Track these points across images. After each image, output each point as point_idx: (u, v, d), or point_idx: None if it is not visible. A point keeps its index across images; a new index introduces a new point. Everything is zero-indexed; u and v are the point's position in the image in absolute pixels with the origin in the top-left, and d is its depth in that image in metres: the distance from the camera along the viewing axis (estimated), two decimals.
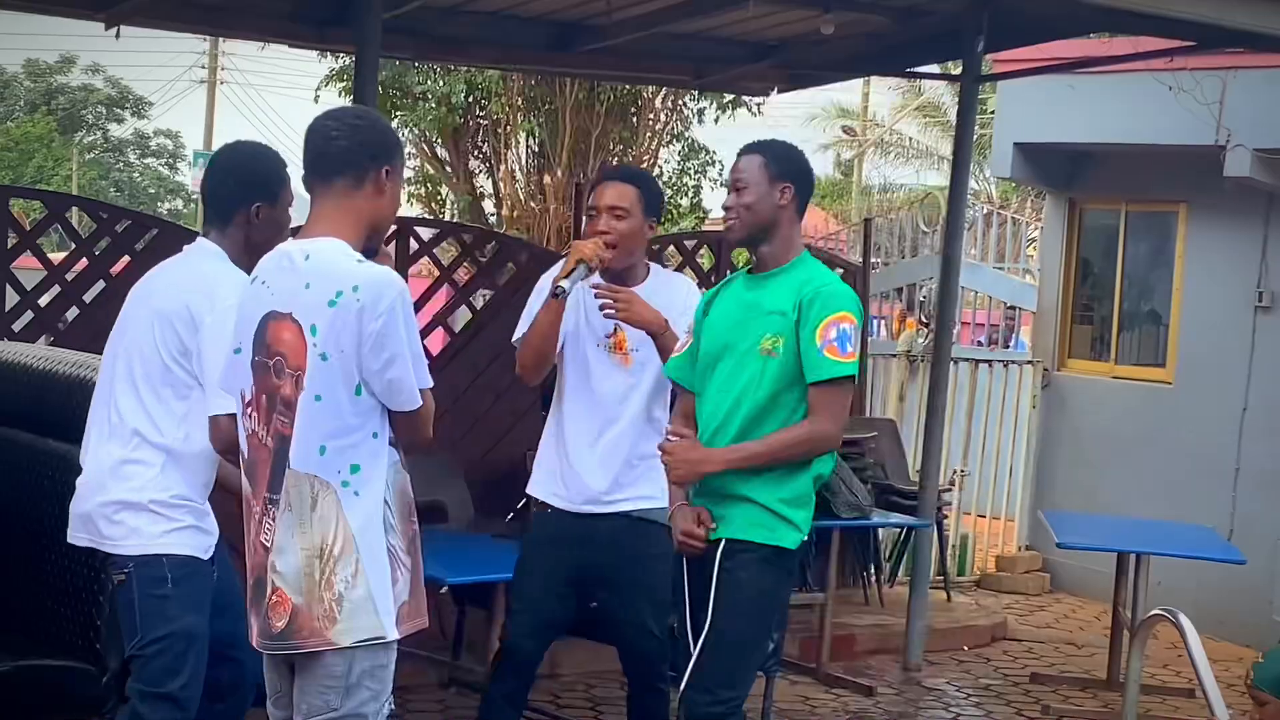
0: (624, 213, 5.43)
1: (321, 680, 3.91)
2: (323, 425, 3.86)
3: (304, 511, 3.87)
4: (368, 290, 3.84)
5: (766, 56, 9.51)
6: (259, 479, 3.96)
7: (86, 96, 53.12)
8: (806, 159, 5.14)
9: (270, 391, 3.93)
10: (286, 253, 4.01)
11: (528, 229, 18.69)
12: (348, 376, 3.86)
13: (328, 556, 3.85)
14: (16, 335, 7.86)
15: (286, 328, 3.90)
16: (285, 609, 3.88)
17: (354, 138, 3.99)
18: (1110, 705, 8.40)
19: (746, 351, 4.90)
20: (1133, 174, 11.69)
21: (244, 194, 4.70)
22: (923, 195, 25.42)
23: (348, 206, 3.98)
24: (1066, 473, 11.99)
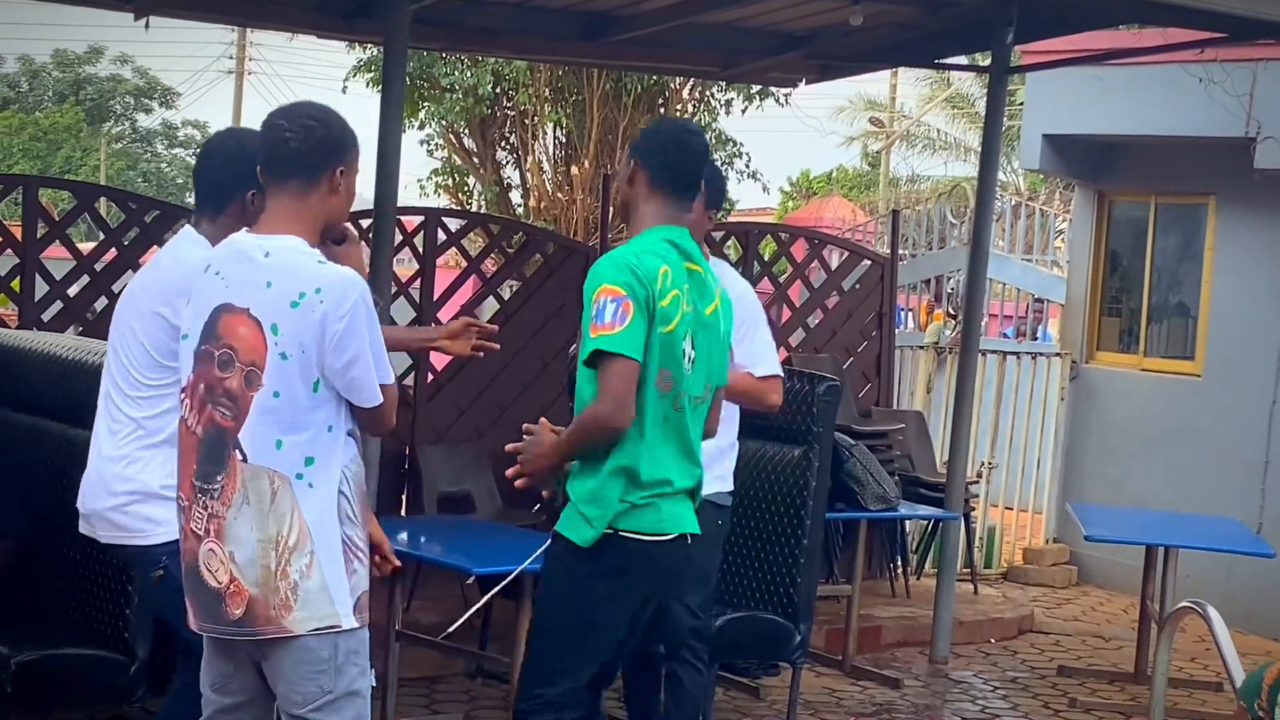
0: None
1: (307, 666, 3.98)
2: (280, 420, 3.94)
3: (262, 505, 3.93)
4: (330, 292, 3.93)
5: (795, 47, 9.49)
6: (185, 465, 4.04)
7: (114, 87, 53.34)
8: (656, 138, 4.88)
9: (211, 382, 3.99)
10: (242, 247, 4.06)
11: (555, 220, 18.70)
12: (306, 374, 3.94)
13: (283, 548, 3.93)
14: (46, 325, 7.89)
15: (242, 323, 3.96)
16: (242, 599, 3.95)
17: (309, 140, 4.07)
18: (1137, 698, 8.38)
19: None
20: (1162, 166, 11.65)
21: (239, 182, 4.52)
22: (950, 187, 25.38)
23: (303, 205, 4.06)
24: (1094, 465, 11.95)
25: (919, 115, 35.29)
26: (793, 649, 6.60)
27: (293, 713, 4.05)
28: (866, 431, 9.31)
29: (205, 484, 3.98)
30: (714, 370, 4.77)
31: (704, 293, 4.72)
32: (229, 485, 3.95)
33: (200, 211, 4.71)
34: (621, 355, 4.44)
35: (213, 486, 3.97)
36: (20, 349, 6.02)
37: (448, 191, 20.37)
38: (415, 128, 19.25)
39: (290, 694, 4.02)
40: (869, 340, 10.47)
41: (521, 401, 9.13)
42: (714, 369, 4.77)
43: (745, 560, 7.12)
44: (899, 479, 9.42)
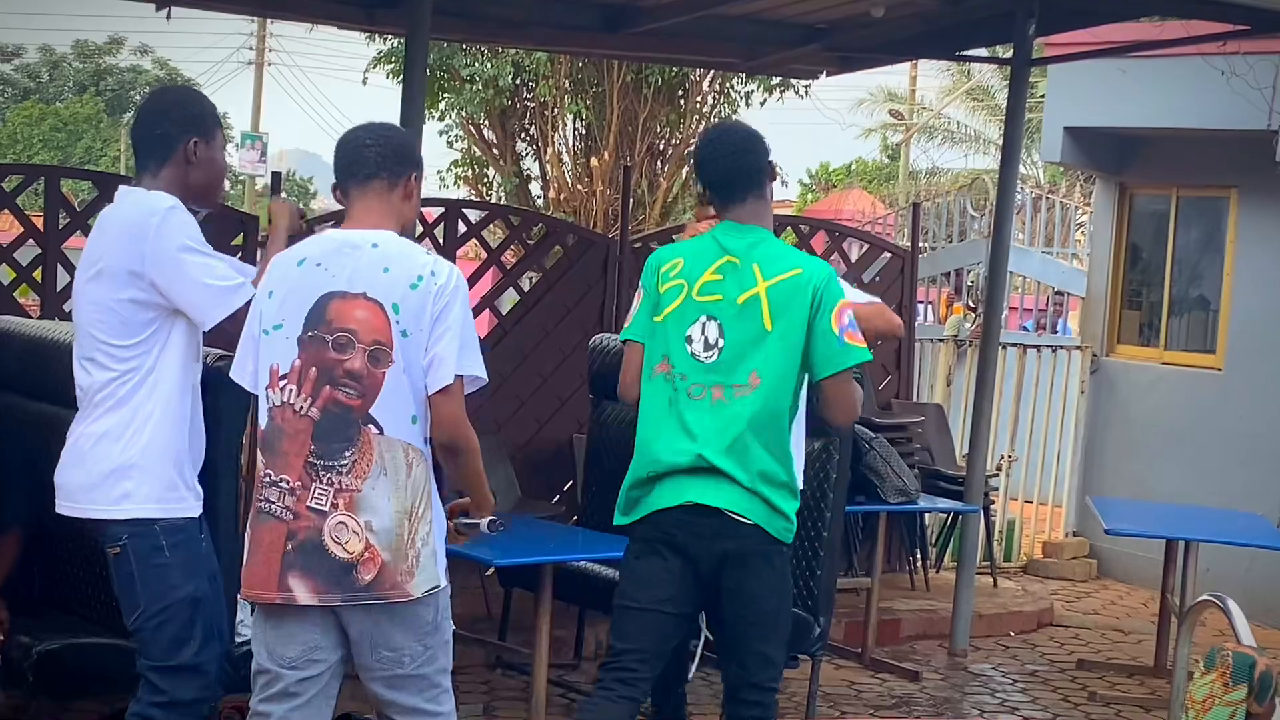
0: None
1: (415, 629, 4.29)
2: (410, 396, 4.22)
3: (399, 476, 4.22)
4: (441, 274, 4.26)
5: (815, 39, 9.47)
6: (295, 448, 4.22)
7: (135, 78, 53.47)
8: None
9: (327, 365, 4.22)
10: (345, 240, 4.33)
11: (574, 211, 18.70)
12: (421, 352, 4.22)
13: (415, 518, 4.23)
14: (68, 315, 7.89)
15: (358, 306, 4.22)
16: (375, 565, 4.21)
17: (387, 146, 4.39)
18: (1157, 692, 8.36)
19: None
20: (1184, 159, 11.61)
21: (179, 131, 4.59)
22: (970, 180, 25.33)
23: (387, 205, 4.37)
24: (1115, 459, 11.93)
25: (939, 108, 35.22)
26: (812, 641, 6.59)
27: (396, 672, 4.31)
28: (886, 424, 9.31)
29: (330, 462, 4.20)
30: (763, 359, 4.76)
31: (737, 282, 4.78)
32: (362, 459, 4.20)
33: (143, 169, 4.69)
34: (626, 340, 4.88)
35: (339, 463, 4.20)
36: (42, 339, 6.03)
37: (467, 183, 20.37)
38: (435, 119, 19.24)
39: (393, 656, 4.29)
40: None
41: (541, 393, 9.15)
42: (761, 358, 4.76)
43: None
44: (919, 472, 9.41)
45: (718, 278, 4.76)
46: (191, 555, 4.58)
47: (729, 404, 4.74)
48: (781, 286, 4.78)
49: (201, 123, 4.64)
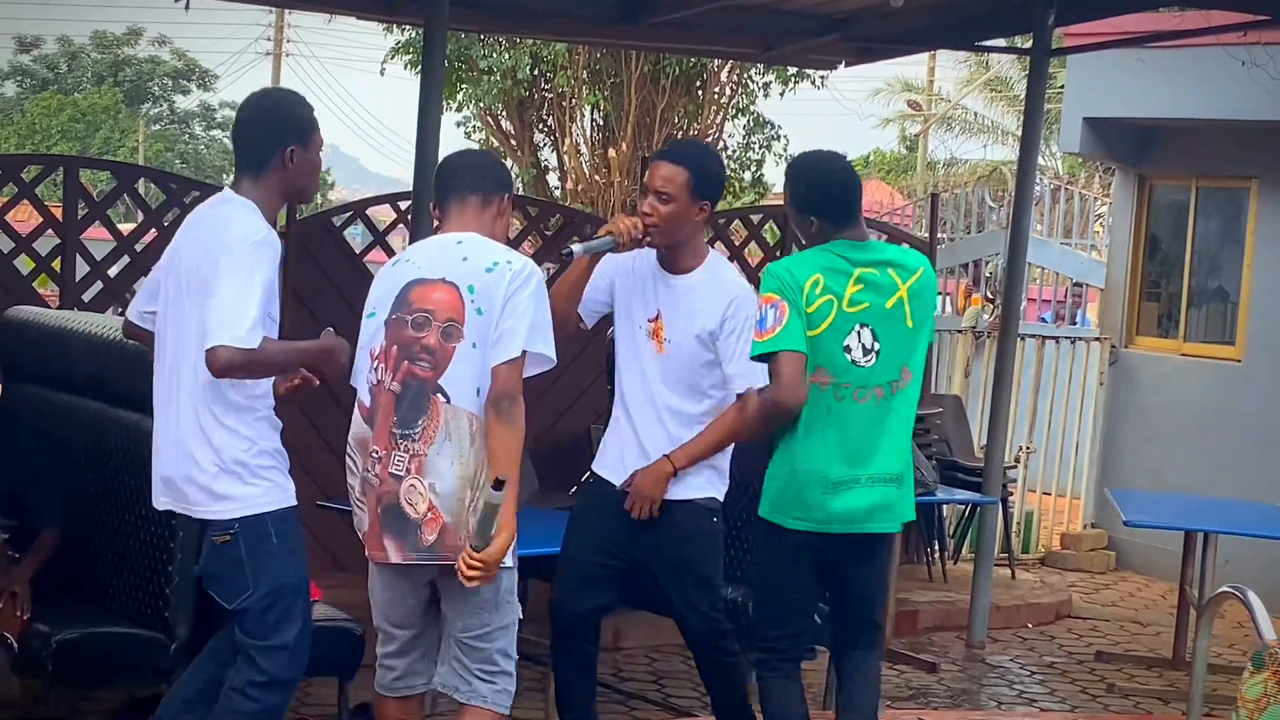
0: (668, 196, 5.27)
1: (475, 600, 4.57)
2: (477, 370, 4.53)
3: (463, 444, 4.52)
4: (517, 263, 4.63)
5: (833, 30, 9.45)
6: (383, 420, 4.58)
7: (153, 69, 53.52)
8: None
9: (406, 342, 4.58)
10: (435, 240, 4.79)
11: (592, 202, 18.70)
12: (491, 328, 4.53)
13: (478, 486, 4.50)
14: (87, 305, 7.93)
15: (437, 289, 4.60)
16: (437, 525, 4.51)
17: (484, 170, 4.87)
18: (1176, 684, 8.34)
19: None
20: (1204, 149, 11.58)
21: (277, 140, 4.67)
22: (989, 170, 25.28)
23: (481, 220, 4.76)
24: (1133, 450, 11.90)
25: (958, 98, 35.14)
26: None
27: (456, 636, 4.65)
28: None
29: (406, 430, 4.53)
30: (910, 354, 5.19)
31: (881, 289, 5.13)
32: (430, 426, 4.52)
33: (243, 173, 4.72)
34: (786, 350, 4.97)
35: (413, 430, 4.53)
36: (61, 329, 6.04)
37: None
38: (453, 110, 19.26)
39: (457, 620, 4.63)
40: None
41: (559, 384, 9.13)
42: (908, 354, 5.19)
43: None
44: (937, 463, 9.39)
45: (860, 288, 5.09)
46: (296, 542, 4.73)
47: (890, 400, 5.15)
48: (916, 287, 5.20)
49: (299, 130, 4.70)
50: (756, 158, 20.31)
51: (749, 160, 20.32)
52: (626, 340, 5.44)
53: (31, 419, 5.96)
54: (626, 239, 5.21)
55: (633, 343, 5.42)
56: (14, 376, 6.33)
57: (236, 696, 4.61)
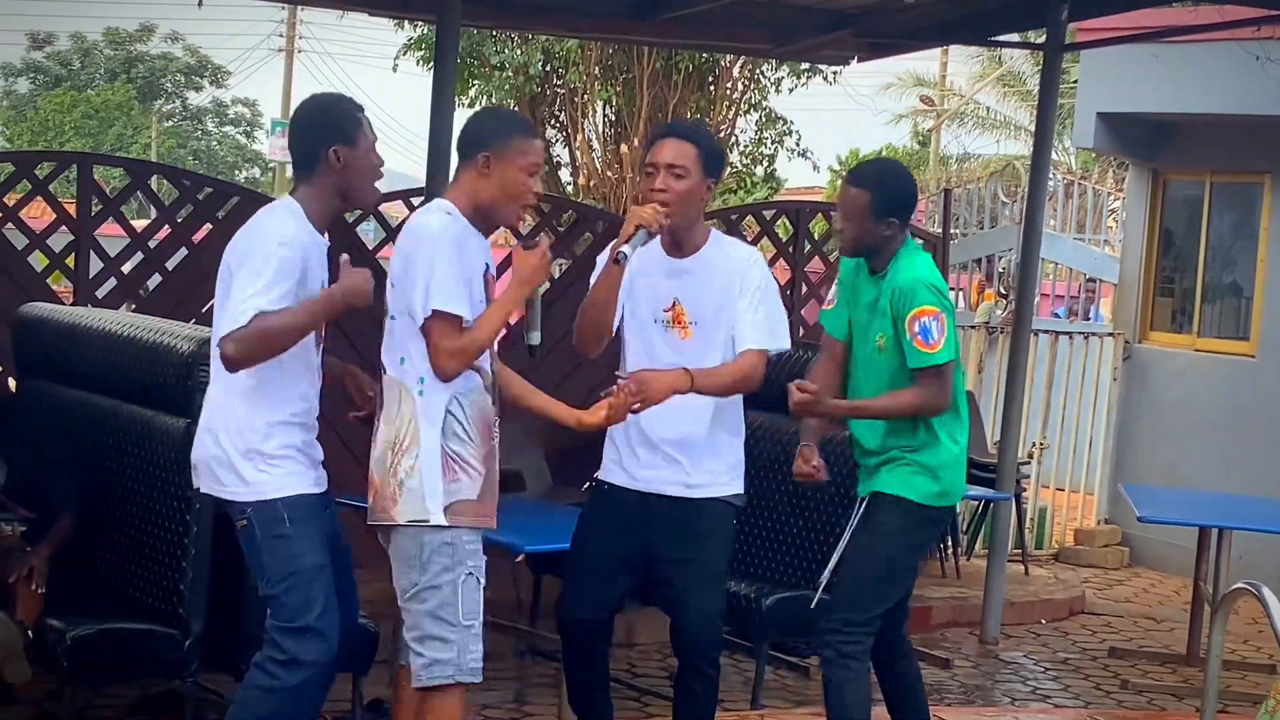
0: (683, 171, 5.16)
1: (401, 561, 4.68)
2: (398, 340, 4.65)
3: (391, 410, 4.67)
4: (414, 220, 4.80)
5: (846, 25, 9.44)
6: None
7: (165, 65, 53.56)
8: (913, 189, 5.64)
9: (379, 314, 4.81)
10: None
11: (604, 198, 18.69)
12: (404, 300, 4.63)
13: (399, 449, 4.63)
14: (100, 302, 7.94)
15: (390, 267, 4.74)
16: (373, 489, 4.70)
17: (465, 133, 4.87)
18: (1190, 680, 8.33)
19: (868, 347, 5.48)
20: (1217, 144, 11.55)
21: (319, 141, 4.74)
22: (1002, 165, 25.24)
23: (461, 183, 4.79)
24: (1147, 446, 11.88)
25: (971, 94, 35.10)
26: None
27: (399, 599, 4.74)
28: None
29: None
30: None
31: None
32: (380, 397, 4.74)
33: (298, 179, 4.86)
34: (952, 359, 5.36)
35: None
36: (75, 325, 6.06)
37: None
38: (465, 106, 19.24)
39: (395, 584, 4.74)
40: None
41: (572, 380, 9.12)
42: None
43: (795, 539, 7.12)
44: None
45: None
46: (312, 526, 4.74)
47: None
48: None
49: (340, 129, 4.75)
50: (769, 153, 20.28)
51: (761, 156, 20.29)
52: (636, 337, 5.32)
53: (46, 414, 5.98)
54: (655, 226, 5.09)
55: (643, 338, 5.30)
56: (28, 372, 6.36)
57: (256, 671, 4.69)
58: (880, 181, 5.46)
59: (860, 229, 5.39)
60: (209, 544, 5.41)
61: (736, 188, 19.72)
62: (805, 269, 10.45)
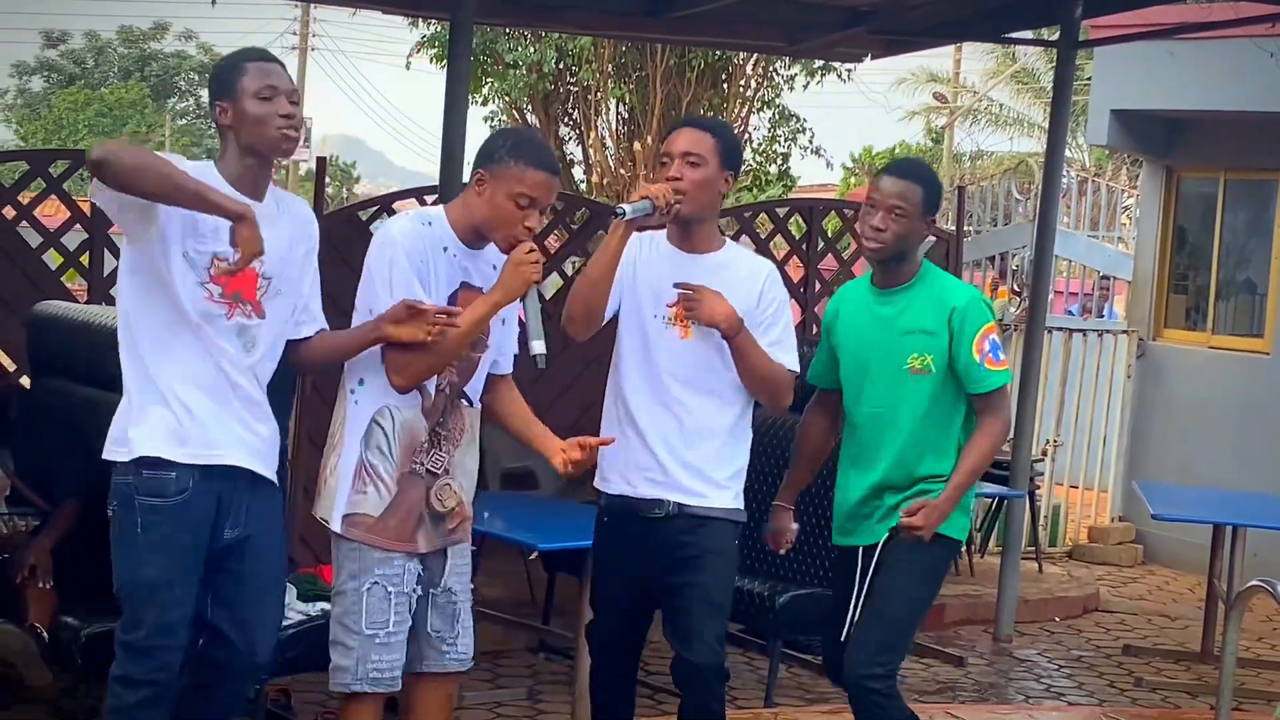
0: (698, 160, 4.88)
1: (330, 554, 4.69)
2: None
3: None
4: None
5: (859, 22, 9.42)
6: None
7: (179, 63, 53.67)
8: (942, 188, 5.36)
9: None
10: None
11: (617, 196, 18.68)
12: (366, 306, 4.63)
13: (330, 448, 4.63)
14: (115, 300, 7.94)
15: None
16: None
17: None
18: (1204, 678, 8.32)
19: (895, 371, 5.15)
20: (1232, 142, 11.53)
21: (211, 101, 4.47)
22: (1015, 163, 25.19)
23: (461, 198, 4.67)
24: (1161, 444, 11.86)
25: (984, 91, 35.04)
26: None
27: None
28: None
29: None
30: None
31: None
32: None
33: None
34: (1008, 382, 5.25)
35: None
36: (89, 324, 6.06)
37: None
38: (478, 104, 19.26)
39: None
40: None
41: (585, 377, 9.12)
42: None
43: (809, 537, 7.12)
44: None
45: None
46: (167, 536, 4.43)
47: None
48: None
49: (221, 82, 4.42)
50: (783, 151, 20.28)
51: (775, 153, 20.29)
52: (633, 332, 5.00)
53: (59, 412, 5.98)
54: (662, 203, 4.79)
55: (641, 336, 4.97)
56: (42, 370, 6.36)
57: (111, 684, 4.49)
58: (932, 178, 5.24)
59: (909, 227, 5.10)
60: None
61: (750, 186, 19.72)
62: (818, 266, 10.44)
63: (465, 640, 4.80)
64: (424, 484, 4.61)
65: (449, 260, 4.60)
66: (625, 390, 5.01)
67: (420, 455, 4.60)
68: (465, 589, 4.81)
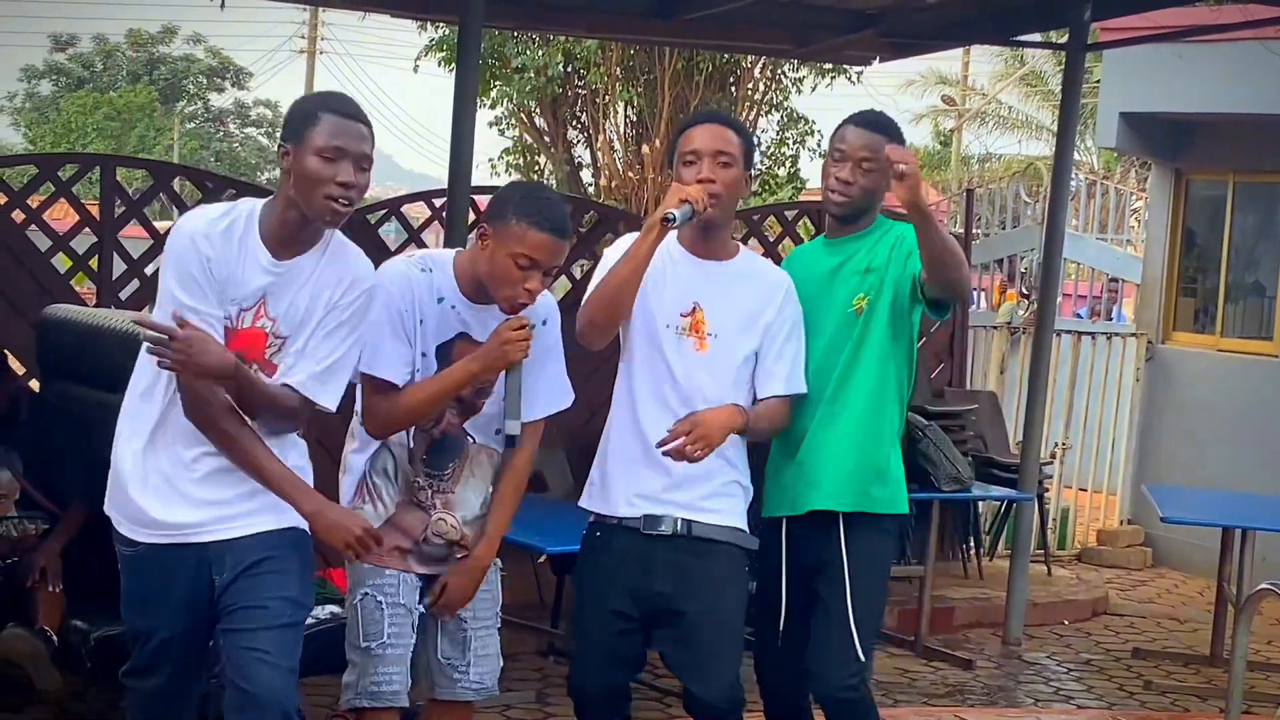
0: (729, 159, 4.62)
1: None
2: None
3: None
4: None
5: (867, 25, 9.42)
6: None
7: (187, 67, 53.75)
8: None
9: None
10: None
11: (626, 199, 18.70)
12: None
13: (342, 468, 4.56)
14: (123, 303, 7.96)
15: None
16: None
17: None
18: (1213, 681, 8.31)
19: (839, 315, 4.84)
20: (1240, 144, 11.52)
21: (281, 135, 4.12)
22: (1024, 165, 25.17)
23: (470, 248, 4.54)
24: (1170, 446, 11.85)
25: (993, 94, 35.04)
26: None
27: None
28: (939, 412, 9.26)
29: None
30: None
31: None
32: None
33: None
34: None
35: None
36: (98, 327, 6.06)
37: (519, 171, 20.40)
38: (486, 107, 19.28)
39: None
40: (942, 320, 10.37)
41: (595, 379, 9.11)
42: None
43: None
44: (972, 460, 9.35)
45: None
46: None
47: None
48: None
49: (292, 124, 4.07)
50: (791, 153, 20.29)
51: (783, 156, 20.30)
52: (645, 345, 4.71)
53: (68, 415, 5.99)
54: (700, 206, 4.51)
55: (653, 347, 4.69)
56: (52, 374, 6.37)
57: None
58: (897, 130, 4.90)
59: (877, 181, 4.81)
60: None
61: (760, 189, 19.72)
62: None
63: (480, 669, 4.59)
64: (423, 515, 4.51)
65: (442, 311, 4.39)
66: (635, 400, 4.74)
67: (422, 496, 4.51)
68: (480, 617, 4.61)
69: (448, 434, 4.51)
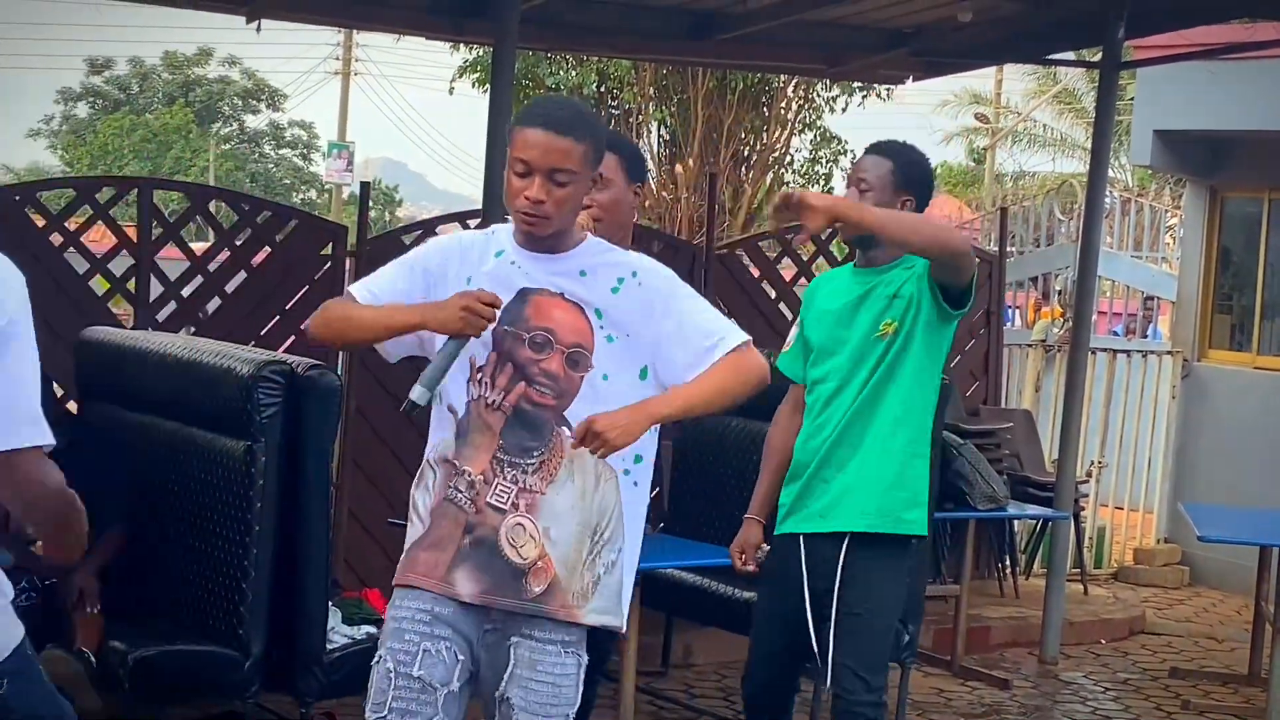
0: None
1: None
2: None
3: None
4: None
5: (901, 44, 9.44)
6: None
7: (223, 88, 54.07)
8: (930, 168, 5.18)
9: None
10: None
11: (659, 218, 18.73)
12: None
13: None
14: (161, 325, 8.00)
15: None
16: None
17: None
18: (1251, 700, 8.27)
19: (863, 340, 4.94)
20: (1276, 161, 11.48)
21: None
22: (1058, 183, 25.13)
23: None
24: (1207, 465, 11.80)
25: (1026, 112, 35.00)
26: (901, 649, 6.56)
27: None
28: (974, 430, 9.25)
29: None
30: None
31: None
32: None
33: None
34: None
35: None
36: (136, 349, 6.11)
37: None
38: None
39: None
40: (977, 338, 10.38)
41: None
42: None
43: None
44: (1007, 478, 9.34)
45: None
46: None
47: None
48: None
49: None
50: (824, 172, 20.30)
51: (816, 175, 20.30)
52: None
53: (107, 438, 6.03)
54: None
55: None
56: (90, 396, 6.41)
57: None
58: (901, 152, 5.06)
59: (875, 201, 4.90)
60: (269, 566, 5.44)
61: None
62: None
63: None
64: (464, 516, 3.85)
65: (499, 264, 3.93)
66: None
67: (461, 484, 3.86)
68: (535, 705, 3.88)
69: (521, 409, 3.85)
